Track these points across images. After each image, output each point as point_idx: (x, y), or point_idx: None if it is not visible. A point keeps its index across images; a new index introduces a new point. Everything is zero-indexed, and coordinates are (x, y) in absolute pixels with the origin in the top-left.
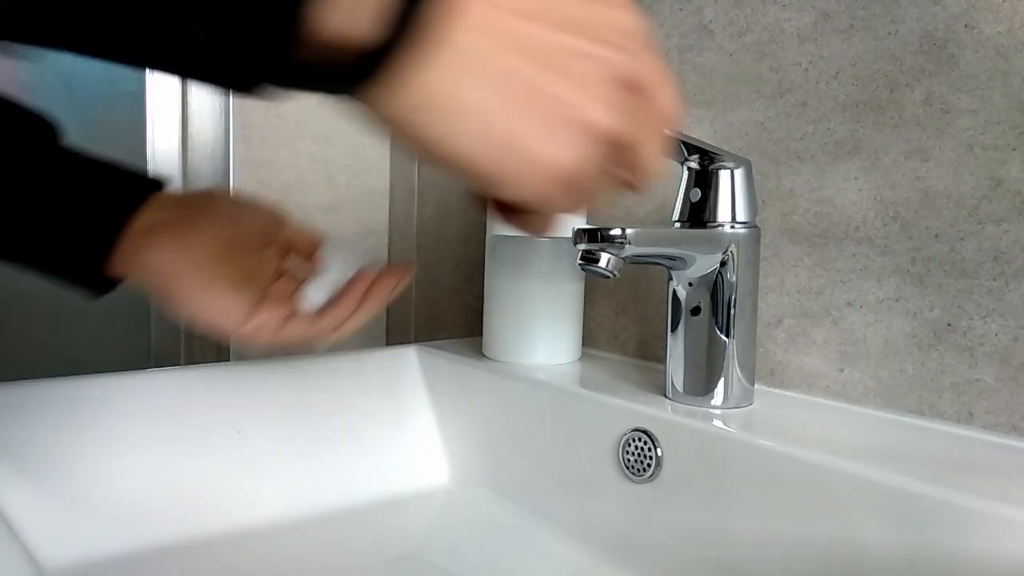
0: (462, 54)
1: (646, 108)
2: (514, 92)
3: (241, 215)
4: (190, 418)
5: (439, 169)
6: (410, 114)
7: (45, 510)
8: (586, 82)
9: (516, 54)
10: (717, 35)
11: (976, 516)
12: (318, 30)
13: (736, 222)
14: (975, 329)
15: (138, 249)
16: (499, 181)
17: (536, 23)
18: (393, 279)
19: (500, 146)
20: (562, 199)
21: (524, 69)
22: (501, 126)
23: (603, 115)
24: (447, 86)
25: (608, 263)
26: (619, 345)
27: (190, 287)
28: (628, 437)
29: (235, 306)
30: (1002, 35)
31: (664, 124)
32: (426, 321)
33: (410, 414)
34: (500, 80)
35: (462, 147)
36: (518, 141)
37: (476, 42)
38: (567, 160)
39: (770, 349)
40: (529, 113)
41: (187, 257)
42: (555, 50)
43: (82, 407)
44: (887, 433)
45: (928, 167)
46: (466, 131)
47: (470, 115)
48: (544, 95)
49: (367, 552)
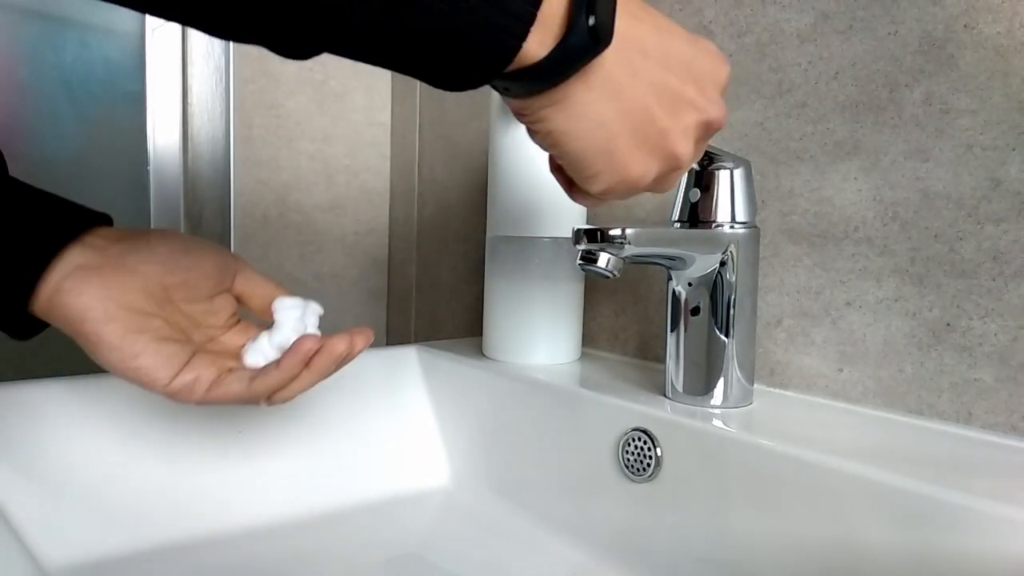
0: (605, 81)
1: (703, 143)
2: (632, 116)
3: (190, 260)
4: (190, 417)
5: (550, 152)
6: (551, 113)
7: (45, 510)
8: (685, 122)
9: (642, 87)
10: (717, 35)
11: (976, 516)
12: (521, 54)
13: (736, 222)
14: (974, 329)
15: (60, 290)
16: (592, 176)
17: (658, 64)
18: (343, 346)
19: (606, 152)
20: (622, 196)
21: (644, 100)
22: (614, 139)
23: (688, 151)
24: (588, 102)
25: (608, 263)
26: (619, 345)
27: (112, 336)
28: (628, 437)
29: (161, 361)
30: (1002, 35)
31: None
32: (426, 321)
33: (410, 414)
34: (626, 105)
35: (580, 146)
36: (620, 154)
37: (617, 74)
38: (647, 175)
39: (770, 349)
40: (637, 135)
41: (115, 303)
42: (668, 91)
43: (82, 407)
44: (887, 433)
45: (928, 167)
46: (588, 136)
47: (596, 126)
48: (652, 125)
49: (367, 552)
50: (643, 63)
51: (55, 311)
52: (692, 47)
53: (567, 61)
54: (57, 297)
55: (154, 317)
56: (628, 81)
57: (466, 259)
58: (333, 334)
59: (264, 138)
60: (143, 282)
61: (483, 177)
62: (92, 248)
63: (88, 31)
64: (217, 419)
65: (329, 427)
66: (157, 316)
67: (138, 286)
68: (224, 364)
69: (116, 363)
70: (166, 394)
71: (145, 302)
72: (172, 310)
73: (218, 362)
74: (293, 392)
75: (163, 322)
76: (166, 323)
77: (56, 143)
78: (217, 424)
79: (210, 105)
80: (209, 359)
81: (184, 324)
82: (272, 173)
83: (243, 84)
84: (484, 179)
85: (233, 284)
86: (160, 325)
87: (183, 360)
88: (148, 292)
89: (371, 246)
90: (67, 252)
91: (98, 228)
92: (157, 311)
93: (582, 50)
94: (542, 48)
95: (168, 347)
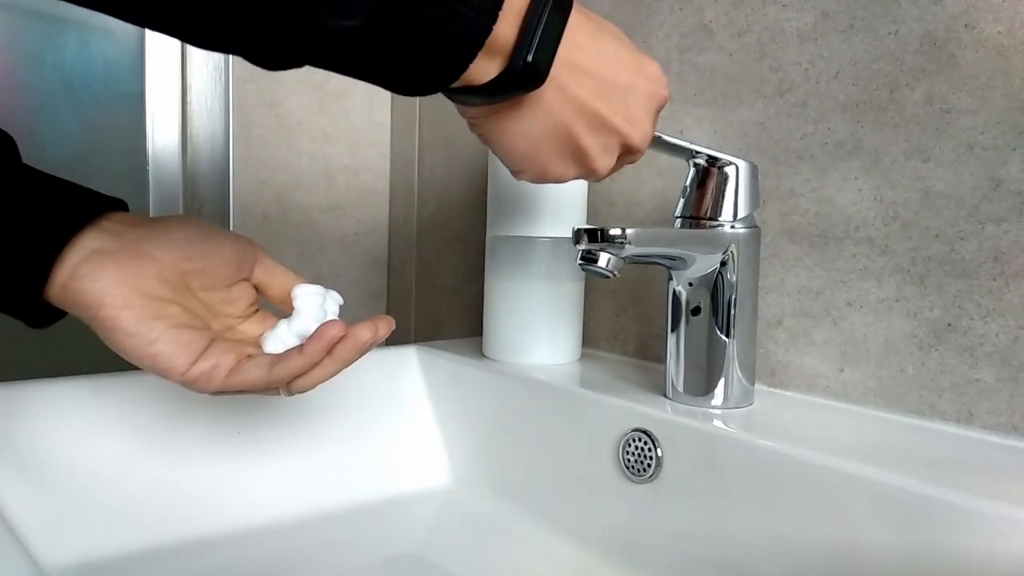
0: (535, 103)
1: (627, 159)
2: (556, 134)
3: (208, 246)
4: (190, 418)
5: (488, 147)
6: (487, 121)
7: (45, 510)
8: (605, 143)
9: (570, 111)
10: (717, 35)
11: (976, 516)
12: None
13: (736, 222)
14: (975, 329)
15: (75, 276)
16: (517, 171)
17: (591, 91)
18: (367, 334)
19: (528, 157)
20: (543, 182)
21: (569, 122)
22: (536, 148)
23: (605, 165)
24: (517, 118)
25: (608, 263)
26: (619, 345)
27: (128, 322)
28: (628, 437)
29: (179, 348)
30: (1002, 35)
31: (631, 163)
32: (426, 321)
33: (410, 414)
34: (551, 124)
35: (506, 149)
36: (541, 159)
37: (548, 98)
38: (565, 176)
39: (770, 349)
40: (557, 148)
41: (131, 289)
42: (596, 117)
43: (82, 407)
44: (887, 433)
45: (928, 167)
46: (513, 142)
47: (521, 136)
48: (573, 142)
49: (367, 552)
50: (576, 89)
51: (71, 297)
52: (632, 74)
53: (500, 91)
54: (73, 282)
55: (171, 304)
56: (557, 105)
57: (466, 259)
58: (356, 322)
59: (264, 138)
60: (159, 268)
61: (483, 177)
62: (108, 233)
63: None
64: (217, 419)
65: (329, 427)
66: (174, 303)
67: (154, 272)
68: (243, 351)
69: (133, 350)
70: (184, 382)
71: (161, 288)
72: (189, 297)
73: (237, 349)
74: (313, 380)
75: (180, 309)
76: (183, 310)
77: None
78: (217, 424)
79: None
80: (228, 346)
81: (202, 312)
82: (272, 173)
83: (243, 83)
84: (484, 179)
85: (252, 273)
86: (177, 312)
87: (201, 347)
88: (164, 278)
89: (371, 246)
90: (82, 236)
91: (114, 213)
92: (174, 298)
93: (515, 86)
94: (484, 75)
95: (186, 334)
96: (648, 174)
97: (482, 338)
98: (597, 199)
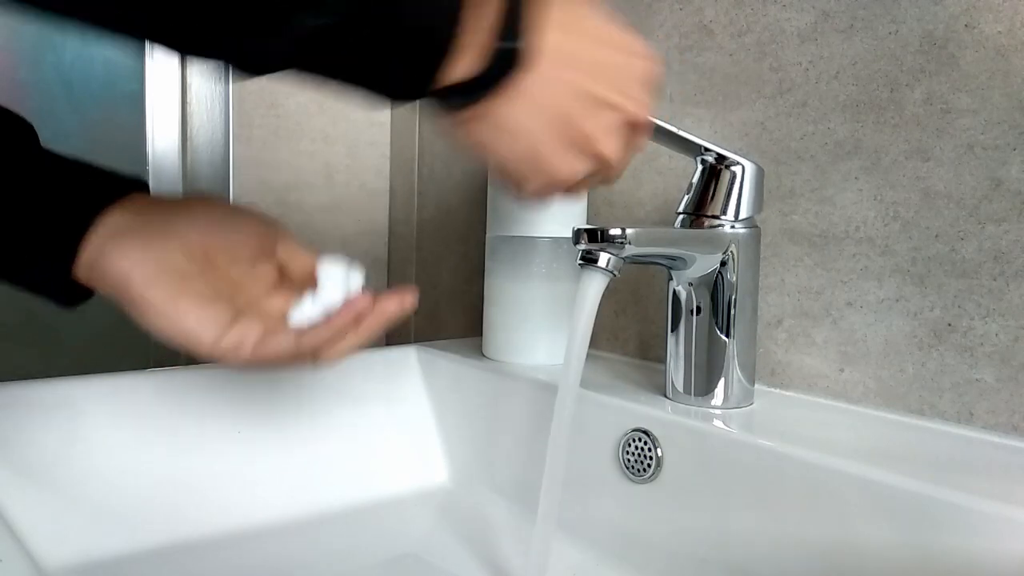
0: (525, 95)
1: (634, 140)
2: (555, 124)
3: (231, 224)
4: (190, 418)
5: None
6: (476, 127)
7: (45, 510)
8: (607, 124)
9: (565, 96)
10: (717, 35)
11: (976, 516)
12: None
13: (737, 221)
14: (975, 329)
15: (103, 254)
16: (521, 180)
17: (585, 73)
18: (394, 305)
19: (531, 159)
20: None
21: (566, 108)
22: (538, 147)
23: (614, 149)
24: (509, 116)
25: (608, 263)
26: (619, 345)
27: (157, 298)
28: (628, 437)
29: (207, 321)
30: (1002, 35)
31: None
32: (426, 321)
33: (410, 414)
34: (547, 115)
35: (505, 155)
36: (546, 159)
37: (538, 88)
38: (576, 174)
39: (770, 349)
40: (561, 142)
41: (158, 265)
42: (591, 97)
43: (82, 407)
44: (887, 433)
45: (928, 167)
46: (511, 146)
47: (518, 136)
48: (575, 129)
49: (367, 552)
50: (568, 74)
51: (98, 275)
52: (621, 51)
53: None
54: (100, 261)
55: (196, 279)
56: (550, 92)
57: (466, 259)
58: (381, 294)
59: (264, 138)
60: (184, 244)
61: (483, 177)
62: (132, 212)
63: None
64: (217, 419)
65: (329, 427)
66: (199, 278)
67: (179, 248)
68: (270, 325)
69: (161, 325)
70: (212, 355)
71: (187, 264)
72: (214, 272)
73: (264, 322)
74: (341, 352)
75: (206, 284)
76: (209, 285)
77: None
78: (217, 424)
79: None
80: (252, 320)
81: (227, 287)
82: (272, 173)
83: (242, 84)
84: (484, 179)
85: (275, 251)
86: (203, 287)
87: (228, 320)
88: (189, 254)
89: (371, 246)
90: (108, 215)
91: (137, 193)
92: (199, 273)
93: (498, 74)
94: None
95: (212, 307)
96: (648, 174)
97: (482, 338)
98: (597, 199)
